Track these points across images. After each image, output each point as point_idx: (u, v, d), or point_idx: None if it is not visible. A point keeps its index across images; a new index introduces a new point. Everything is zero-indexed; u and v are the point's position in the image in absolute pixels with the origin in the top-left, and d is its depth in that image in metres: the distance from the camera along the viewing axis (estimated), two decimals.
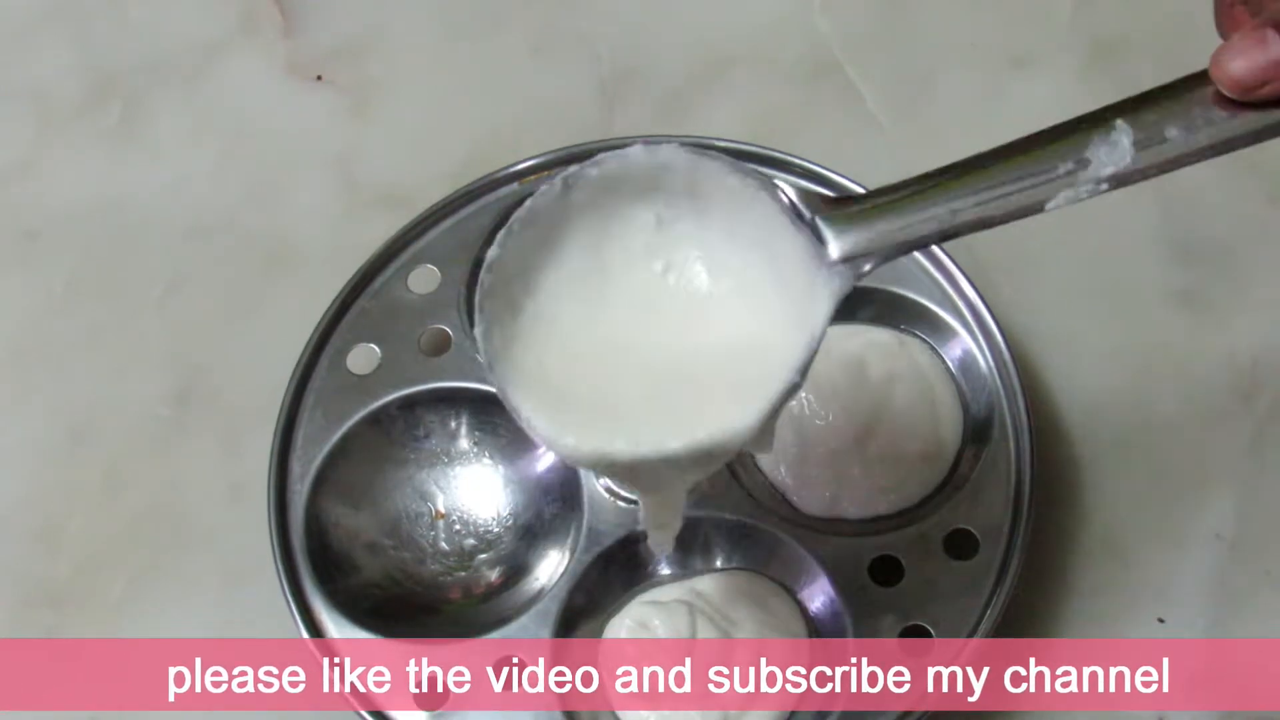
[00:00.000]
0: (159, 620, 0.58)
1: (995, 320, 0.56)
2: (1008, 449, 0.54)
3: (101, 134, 0.72)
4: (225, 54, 0.74)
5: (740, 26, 0.73)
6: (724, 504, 0.54)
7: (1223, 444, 0.59)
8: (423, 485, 0.57)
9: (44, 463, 0.63)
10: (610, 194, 0.41)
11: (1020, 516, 0.52)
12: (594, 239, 0.42)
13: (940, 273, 0.57)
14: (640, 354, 0.41)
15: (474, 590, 0.55)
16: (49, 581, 0.60)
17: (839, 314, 0.58)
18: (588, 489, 0.54)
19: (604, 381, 0.41)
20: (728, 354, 0.41)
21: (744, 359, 0.40)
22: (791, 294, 0.40)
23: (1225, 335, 0.61)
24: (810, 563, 0.52)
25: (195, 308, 0.66)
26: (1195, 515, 0.58)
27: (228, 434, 0.62)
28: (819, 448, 0.55)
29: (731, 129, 0.64)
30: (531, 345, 0.40)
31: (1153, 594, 0.56)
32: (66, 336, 0.66)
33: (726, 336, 0.41)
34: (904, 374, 0.56)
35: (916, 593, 0.51)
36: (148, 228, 0.69)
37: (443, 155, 0.68)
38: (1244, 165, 0.65)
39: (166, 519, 0.61)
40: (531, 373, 0.40)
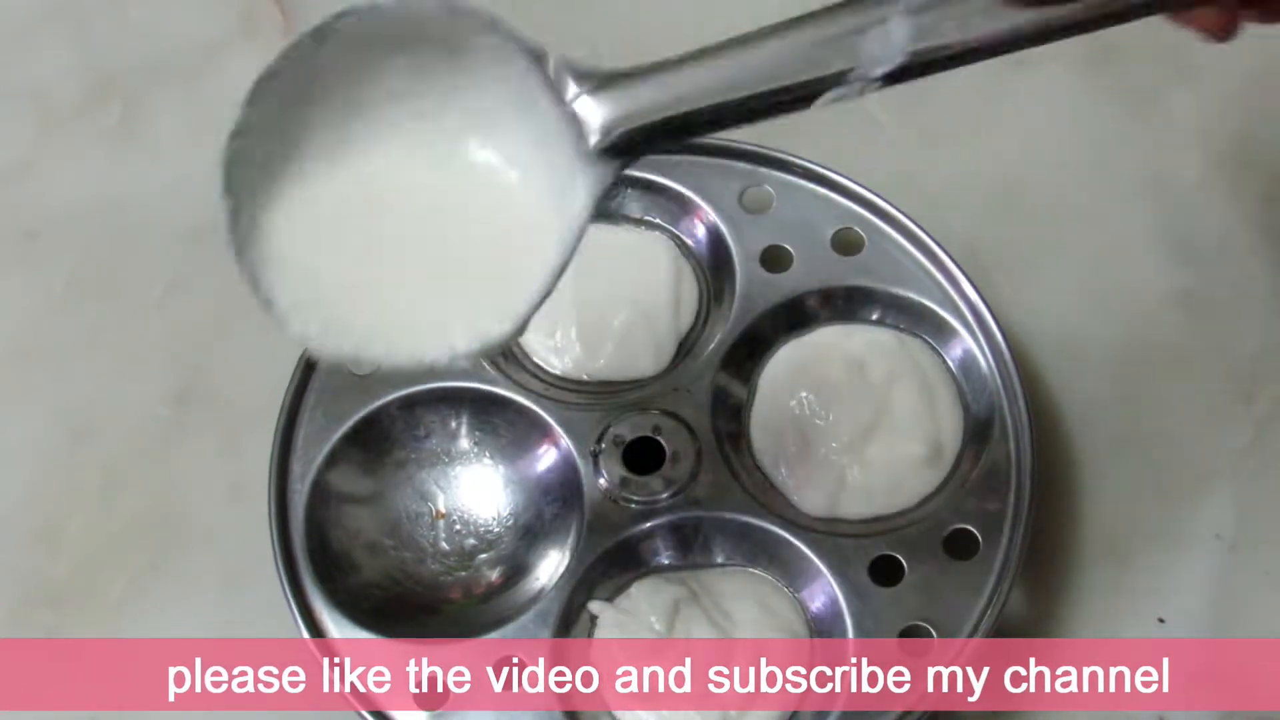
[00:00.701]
0: (159, 620, 0.58)
1: (995, 320, 0.56)
2: (1008, 449, 0.54)
3: (101, 134, 0.72)
4: (225, 54, 0.74)
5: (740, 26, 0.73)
6: (724, 504, 0.54)
7: (1223, 444, 0.59)
8: (423, 485, 0.57)
9: (44, 463, 0.63)
10: (364, 48, 0.38)
11: (1020, 516, 0.52)
12: (348, 100, 0.39)
13: (940, 273, 0.57)
14: (398, 233, 0.39)
15: (474, 590, 0.55)
16: (49, 581, 0.60)
17: (839, 314, 0.59)
18: (588, 489, 0.54)
19: (359, 266, 0.38)
20: (489, 240, 0.39)
21: (505, 248, 0.38)
22: (556, 176, 0.38)
23: (1225, 335, 0.61)
24: (810, 563, 0.52)
25: (195, 308, 0.66)
26: (1195, 515, 0.58)
27: (228, 434, 0.62)
28: (819, 448, 0.55)
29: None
30: (282, 224, 0.38)
31: (1153, 594, 0.56)
32: (66, 336, 0.66)
33: (489, 215, 0.39)
34: (904, 374, 0.56)
35: (916, 593, 0.51)
36: (148, 228, 0.69)
37: None
38: (1243, 164, 0.66)
39: (166, 519, 0.61)
40: (284, 257, 0.38)
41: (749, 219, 0.60)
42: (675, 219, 0.61)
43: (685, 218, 0.61)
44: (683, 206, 0.61)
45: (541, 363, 0.59)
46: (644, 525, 0.54)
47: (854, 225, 0.59)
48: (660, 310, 0.58)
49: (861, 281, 0.58)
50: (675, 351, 0.58)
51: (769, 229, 0.59)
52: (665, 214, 0.61)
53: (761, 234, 0.59)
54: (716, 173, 0.61)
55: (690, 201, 0.60)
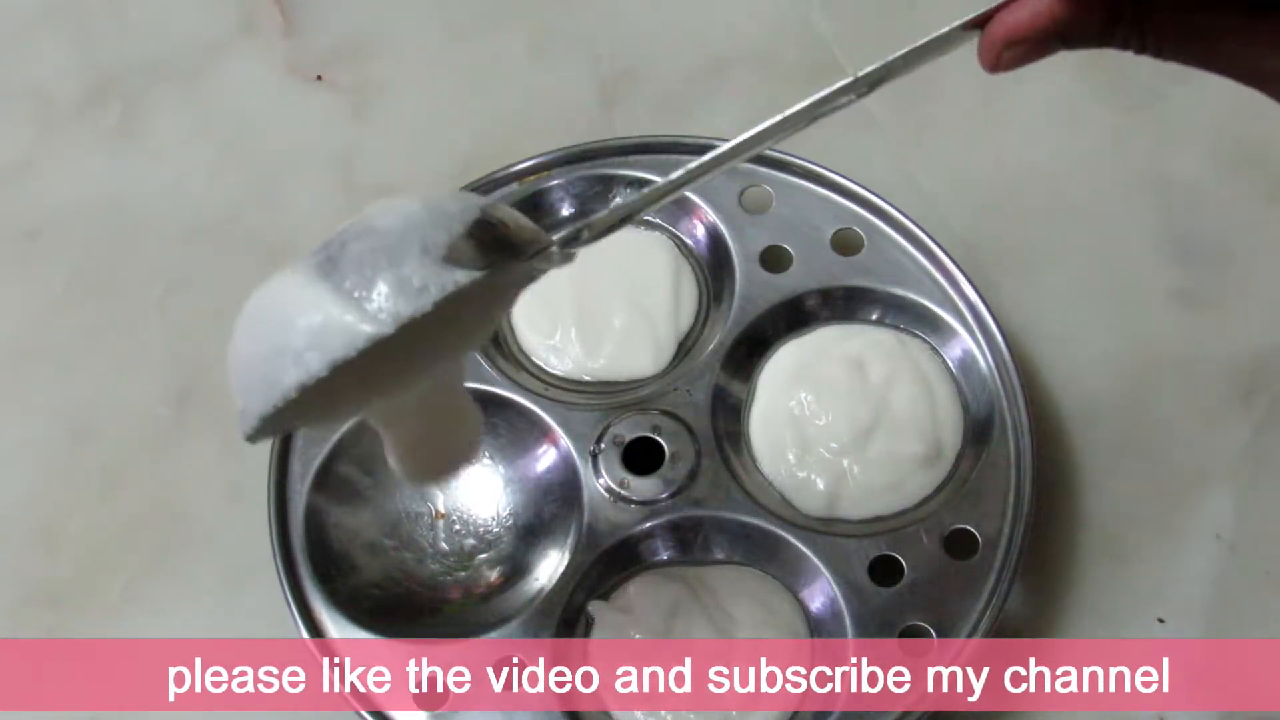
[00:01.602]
0: (159, 620, 0.58)
1: (995, 320, 0.56)
2: (1008, 449, 0.54)
3: (101, 134, 0.72)
4: (225, 54, 0.74)
5: (740, 26, 0.73)
6: (724, 504, 0.54)
7: (1222, 444, 0.59)
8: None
9: (44, 463, 0.63)
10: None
11: (1020, 516, 0.52)
12: None
13: (940, 273, 0.57)
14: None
15: (474, 590, 0.55)
16: (49, 581, 0.60)
17: (839, 314, 0.59)
18: (588, 489, 0.54)
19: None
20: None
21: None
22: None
23: (1225, 335, 0.61)
24: (810, 563, 0.52)
25: (195, 308, 0.66)
26: (1195, 515, 0.58)
27: (228, 434, 0.62)
28: (819, 448, 0.55)
29: (731, 129, 0.63)
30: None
31: (1153, 594, 0.56)
32: (66, 336, 0.66)
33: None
34: (904, 374, 0.56)
35: (916, 593, 0.51)
36: (148, 228, 0.69)
37: (443, 155, 0.69)
38: (1243, 164, 0.66)
39: (166, 519, 0.61)
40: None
41: (748, 219, 0.60)
42: (675, 219, 0.61)
43: (685, 218, 0.61)
44: (682, 206, 0.61)
45: (541, 363, 0.59)
46: (644, 525, 0.54)
47: (854, 225, 0.59)
48: (660, 310, 0.59)
49: (861, 281, 0.58)
50: (675, 351, 0.58)
51: (768, 229, 0.59)
52: (665, 214, 0.61)
53: (761, 234, 0.59)
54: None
55: (690, 201, 0.60)
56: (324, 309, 0.36)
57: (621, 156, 0.62)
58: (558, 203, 0.62)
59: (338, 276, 0.36)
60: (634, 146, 0.62)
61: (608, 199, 0.62)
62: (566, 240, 0.41)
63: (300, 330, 0.36)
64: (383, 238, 0.36)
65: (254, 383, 0.37)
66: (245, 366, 0.38)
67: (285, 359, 0.36)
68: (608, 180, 0.62)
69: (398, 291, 0.36)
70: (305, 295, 0.36)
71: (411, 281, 0.36)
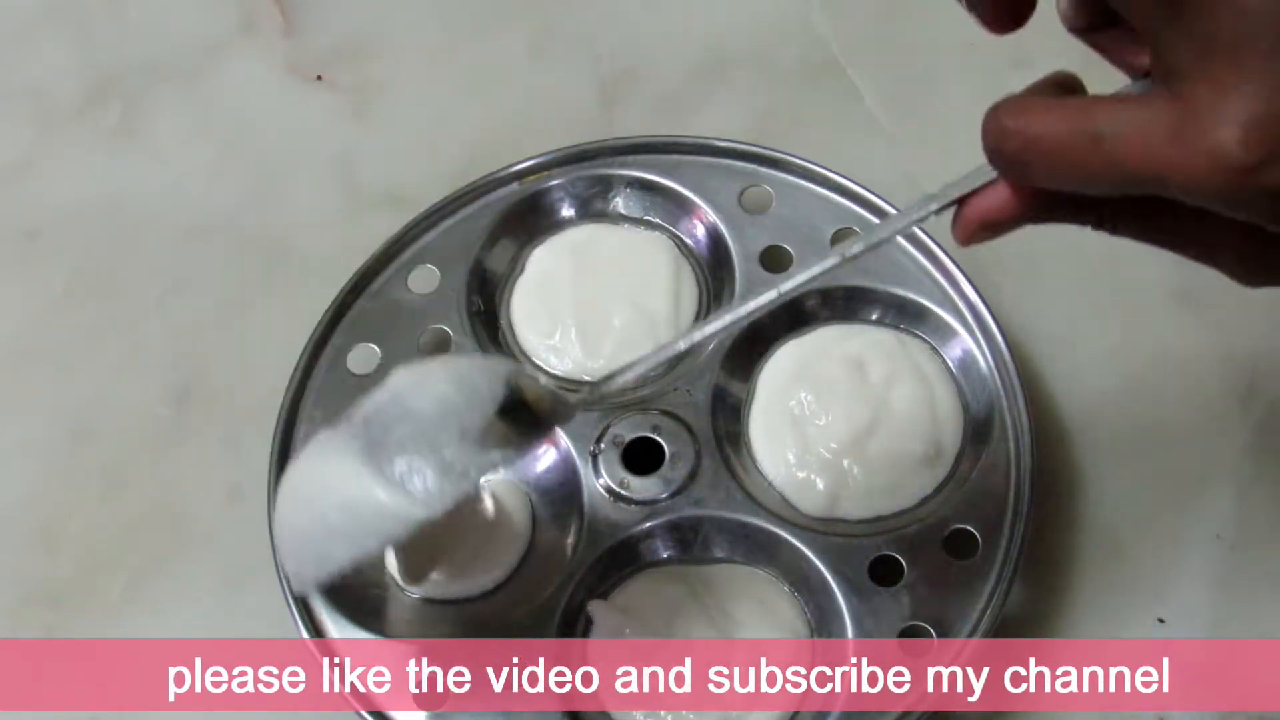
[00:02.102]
0: (159, 620, 0.58)
1: (995, 320, 0.56)
2: (1008, 449, 0.54)
3: (101, 134, 0.72)
4: (225, 54, 0.74)
5: (740, 26, 0.73)
6: (724, 504, 0.54)
7: (1222, 444, 0.59)
8: None
9: (44, 463, 0.63)
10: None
11: (1020, 516, 0.52)
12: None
13: (940, 273, 0.57)
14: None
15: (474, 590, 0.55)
16: (49, 581, 0.60)
17: (839, 314, 0.59)
18: (588, 489, 0.54)
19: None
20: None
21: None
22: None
23: (1225, 335, 0.61)
24: (810, 563, 0.52)
25: (195, 308, 0.66)
26: (1195, 515, 0.58)
27: (228, 434, 0.62)
28: (819, 448, 0.55)
29: (731, 129, 0.64)
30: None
31: (1153, 594, 0.56)
32: (66, 336, 0.66)
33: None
34: (904, 374, 0.56)
35: (916, 593, 0.51)
36: (148, 228, 0.69)
37: (443, 155, 0.68)
38: None
39: (166, 519, 0.61)
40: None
41: (748, 219, 0.60)
42: (675, 219, 0.61)
43: (685, 218, 0.61)
44: (682, 206, 0.61)
45: (541, 363, 0.59)
46: (644, 525, 0.54)
47: (854, 225, 0.59)
48: (660, 310, 0.58)
49: (861, 281, 0.58)
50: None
51: (768, 229, 0.59)
52: (665, 214, 0.61)
53: (761, 234, 0.59)
54: (716, 173, 0.61)
55: (690, 201, 0.60)
56: (375, 498, 0.40)
57: (621, 156, 0.62)
58: (557, 203, 0.62)
59: (384, 460, 0.40)
60: (633, 146, 0.62)
61: (607, 199, 0.62)
62: (584, 403, 0.46)
63: (354, 515, 0.40)
64: (421, 423, 0.40)
65: (308, 555, 0.41)
66: (298, 539, 0.42)
67: (338, 539, 0.40)
68: (607, 180, 0.62)
69: (443, 476, 0.40)
70: (355, 483, 0.40)
71: (455, 467, 0.40)
